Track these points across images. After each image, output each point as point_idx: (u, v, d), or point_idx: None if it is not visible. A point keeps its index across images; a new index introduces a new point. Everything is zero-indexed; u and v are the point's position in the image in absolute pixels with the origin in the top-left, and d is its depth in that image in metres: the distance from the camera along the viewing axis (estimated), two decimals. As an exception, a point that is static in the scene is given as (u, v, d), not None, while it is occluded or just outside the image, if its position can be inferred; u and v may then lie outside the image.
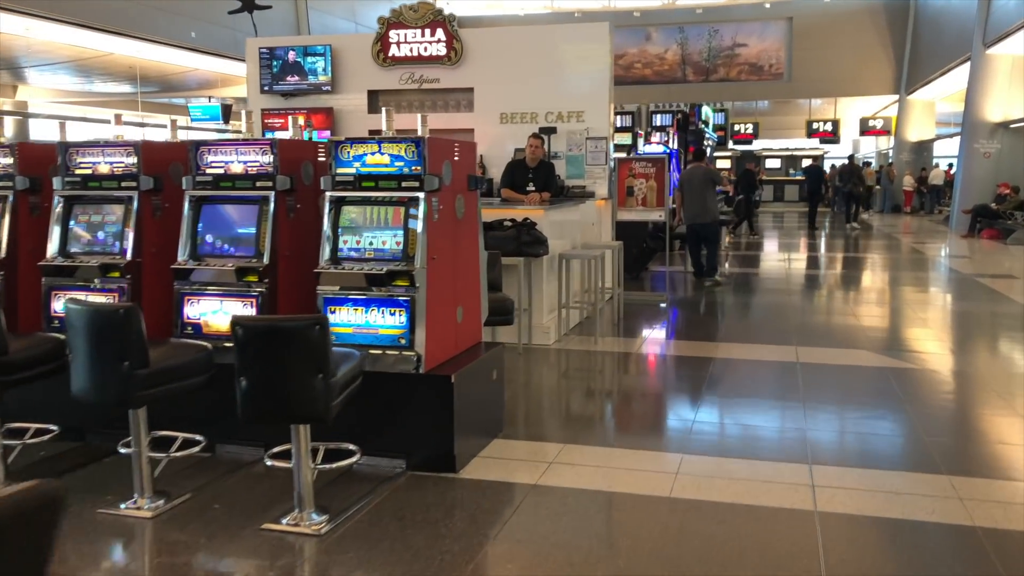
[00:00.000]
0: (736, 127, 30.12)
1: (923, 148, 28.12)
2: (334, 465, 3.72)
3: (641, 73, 30.21)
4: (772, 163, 33.07)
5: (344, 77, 10.04)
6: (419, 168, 4.00)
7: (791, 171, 32.52)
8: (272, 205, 4.23)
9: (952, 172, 29.74)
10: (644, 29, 29.92)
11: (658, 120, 19.69)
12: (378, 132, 4.17)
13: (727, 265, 13.11)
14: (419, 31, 9.60)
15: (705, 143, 19.82)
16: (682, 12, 29.66)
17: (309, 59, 10.11)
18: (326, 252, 4.12)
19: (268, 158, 4.25)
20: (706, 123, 19.83)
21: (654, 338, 7.67)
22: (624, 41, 30.33)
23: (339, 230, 4.15)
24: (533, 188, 7.94)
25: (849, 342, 7.25)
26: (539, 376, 6.20)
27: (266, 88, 10.36)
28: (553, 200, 7.99)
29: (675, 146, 16.52)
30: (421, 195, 4.00)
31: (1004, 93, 18.32)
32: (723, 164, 32.92)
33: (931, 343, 7.42)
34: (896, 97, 28.33)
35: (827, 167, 30.11)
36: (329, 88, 10.08)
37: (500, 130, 9.54)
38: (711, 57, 29.58)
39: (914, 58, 26.74)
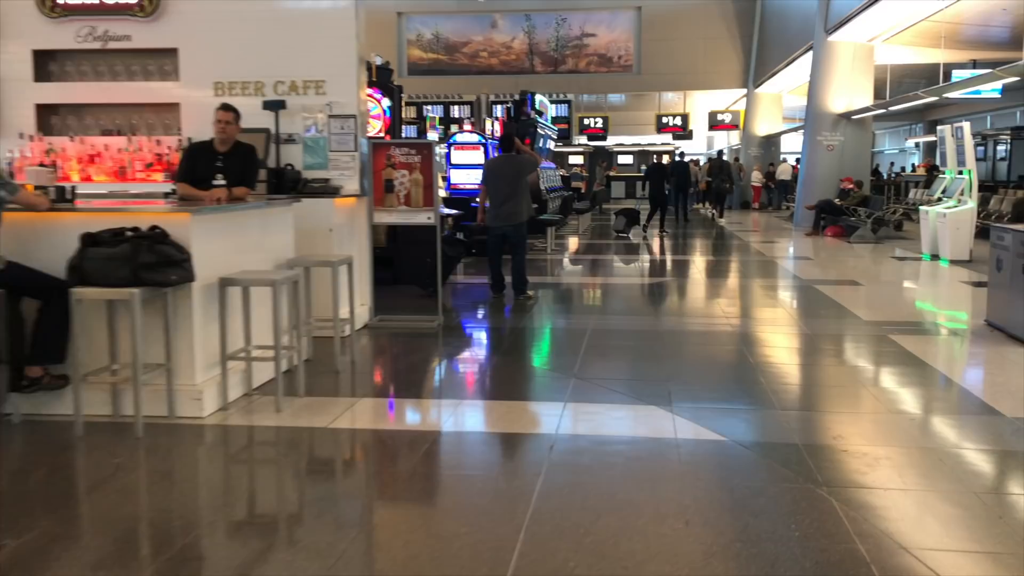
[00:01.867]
0: (586, 121, 28.53)
1: (771, 142, 27.37)
2: None
3: (487, 62, 28.22)
4: (624, 159, 31.77)
5: None
6: None
7: (643, 167, 31.29)
8: None
9: (798, 167, 29.31)
10: (490, 16, 27.94)
11: (499, 111, 17.70)
12: None
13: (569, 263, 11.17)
14: (101, -31, 7.03)
15: (541, 134, 17.90)
16: (528, -1, 27.81)
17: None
18: None
19: None
20: (540, 113, 17.92)
21: (379, 396, 5.47)
22: (469, 28, 28.30)
23: None
24: (223, 180, 5.56)
25: (635, 394, 5.26)
26: (135, 483, 3.85)
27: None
28: (277, 198, 5.68)
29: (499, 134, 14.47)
30: None
31: (846, 82, 17.26)
32: (575, 160, 31.45)
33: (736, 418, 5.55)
34: (744, 91, 27.47)
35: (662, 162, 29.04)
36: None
37: (216, 104, 7.10)
38: (559, 47, 27.91)
39: (761, 50, 25.87)
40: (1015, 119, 26.53)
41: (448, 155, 12.79)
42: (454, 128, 16.71)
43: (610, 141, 31.15)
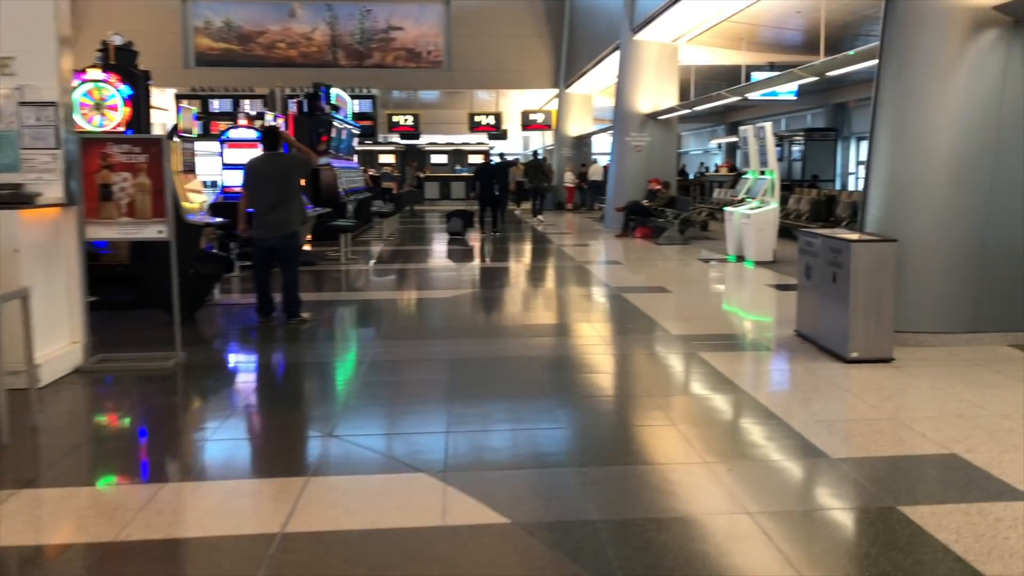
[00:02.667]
0: (396, 119, 27.33)
1: (583, 143, 27.37)
2: None
3: (286, 54, 26.38)
4: (438, 159, 30.85)
5: None
6: None
7: (457, 167, 30.53)
8: None
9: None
10: (287, 4, 26.09)
11: (295, 106, 16.12)
12: None
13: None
14: None
15: (339, 130, 16.54)
16: (328, -14, 26.23)
17: None
18: None
19: None
20: (337, 108, 16.56)
21: (44, 486, 4.08)
22: (264, 16, 26.30)
23: None
24: None
25: (405, 454, 4.23)
26: None
27: None
28: None
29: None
30: None
31: (653, 83, 17.16)
32: (387, 159, 30.19)
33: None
34: (556, 91, 27.30)
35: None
36: None
37: None
38: (364, 40, 26.55)
39: (571, 50, 25.75)
40: (806, 121, 28.05)
41: (221, 154, 11.23)
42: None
43: (423, 140, 30.11)
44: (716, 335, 7.01)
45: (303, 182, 7.60)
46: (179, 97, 21.06)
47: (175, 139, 8.35)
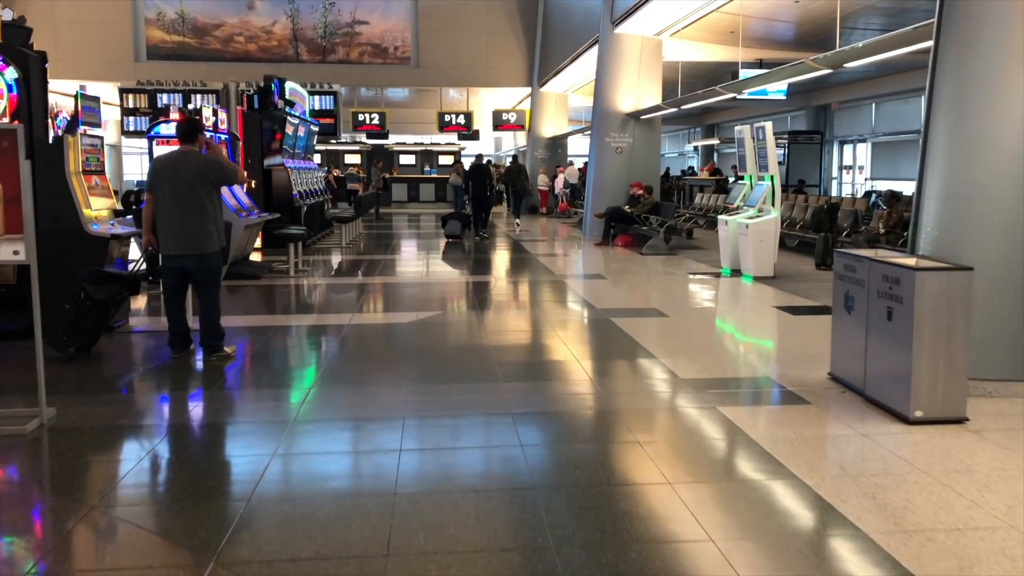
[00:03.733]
0: (361, 117, 25.78)
1: (557, 144, 26.03)
2: None
3: (244, 48, 24.75)
4: (406, 159, 29.34)
5: None
6: None
7: (426, 168, 29.07)
8: None
9: (587, 169, 28.28)
10: (246, -5, 24.44)
11: (244, 102, 14.61)
12: None
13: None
14: None
15: (293, 126, 15.05)
16: (287, -24, 24.66)
17: None
18: None
19: None
20: (291, 103, 15.07)
21: None
22: (221, 8, 24.62)
23: None
24: None
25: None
26: None
27: None
28: None
29: (231, 128, 11.49)
30: None
31: (634, 79, 15.85)
32: (352, 159, 28.67)
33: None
34: (529, 90, 25.95)
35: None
36: None
37: None
38: (328, 34, 25.00)
39: (545, 46, 24.42)
40: (787, 124, 26.96)
41: (150, 152, 9.71)
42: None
43: (391, 140, 28.58)
44: (732, 379, 5.68)
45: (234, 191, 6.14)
46: (124, 91, 19.40)
47: (78, 133, 6.85)
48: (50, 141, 6.83)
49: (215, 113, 10.55)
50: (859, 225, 12.38)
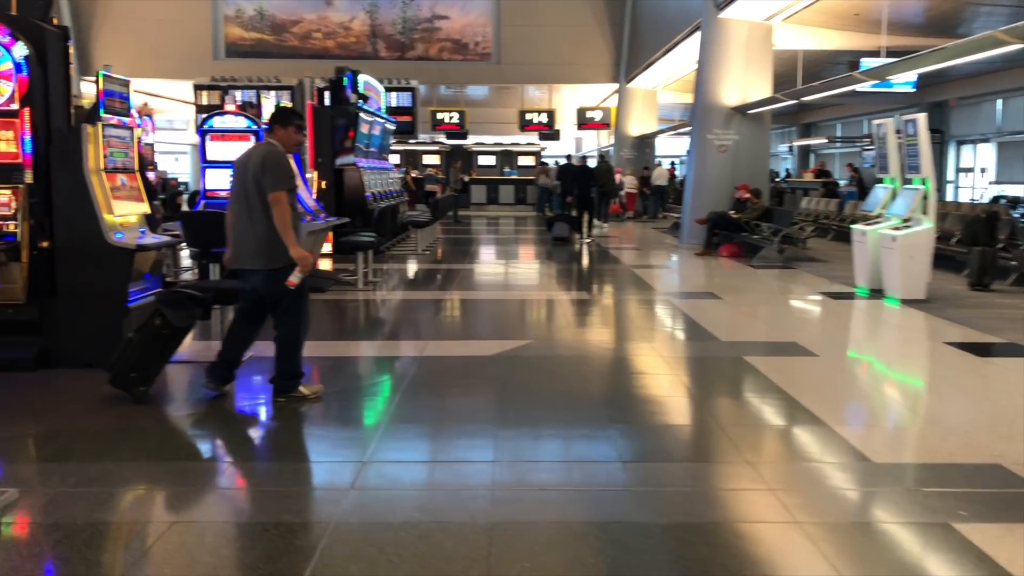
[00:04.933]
0: (440, 116, 24.49)
1: (645, 144, 24.22)
2: None
3: (322, 45, 23.76)
4: (486, 160, 27.93)
5: None
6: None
7: (506, 169, 27.61)
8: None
9: (675, 171, 26.39)
10: (324, -10, 23.43)
11: (314, 97, 13.43)
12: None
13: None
14: None
15: (368, 123, 13.77)
16: (367, -30, 23.55)
17: None
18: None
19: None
20: (365, 98, 13.78)
21: None
22: (299, 4, 23.66)
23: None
24: None
25: None
26: None
27: None
28: None
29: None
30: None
31: (740, 69, 14.03)
32: (432, 160, 27.44)
33: None
34: (616, 86, 24.23)
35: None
36: None
37: None
38: (407, 30, 23.79)
39: (635, 39, 22.66)
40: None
41: (202, 148, 8.47)
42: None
43: (470, 140, 27.22)
44: (953, 467, 3.93)
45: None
46: (198, 88, 18.53)
47: (98, 123, 5.57)
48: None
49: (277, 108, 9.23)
50: (1018, 238, 10.33)
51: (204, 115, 8.94)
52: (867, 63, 13.63)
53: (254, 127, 8.46)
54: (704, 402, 5.00)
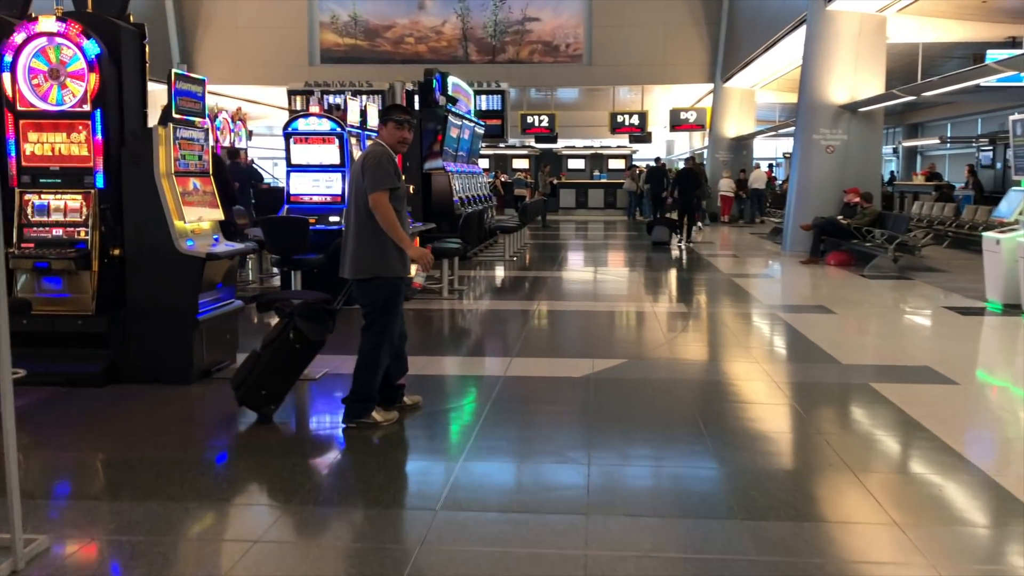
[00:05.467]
0: (529, 119, 23.98)
1: (742, 145, 23.09)
2: None
3: (414, 50, 23.58)
4: (575, 163, 27.28)
5: None
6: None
7: (596, 172, 26.89)
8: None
9: (772, 173, 25.14)
10: (417, -6, 23.26)
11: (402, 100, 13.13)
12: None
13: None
14: None
15: (456, 127, 13.37)
16: (459, -27, 23.25)
17: None
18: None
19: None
20: (454, 100, 13.37)
21: None
22: (392, 9, 23.56)
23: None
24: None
25: None
26: None
27: None
28: None
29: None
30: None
31: (850, 64, 12.96)
32: (520, 164, 26.99)
33: None
34: (711, 86, 23.19)
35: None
36: None
37: None
38: (498, 33, 23.39)
39: (731, 36, 21.60)
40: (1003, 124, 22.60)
41: (286, 151, 8.15)
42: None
43: (560, 143, 26.61)
44: None
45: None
46: (291, 94, 18.56)
47: (170, 125, 5.23)
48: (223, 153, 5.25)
49: (363, 112, 8.86)
50: None
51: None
52: (993, 55, 12.36)
53: (339, 130, 8.09)
54: (832, 441, 4.26)
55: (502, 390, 5.27)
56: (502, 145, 25.92)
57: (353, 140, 8.46)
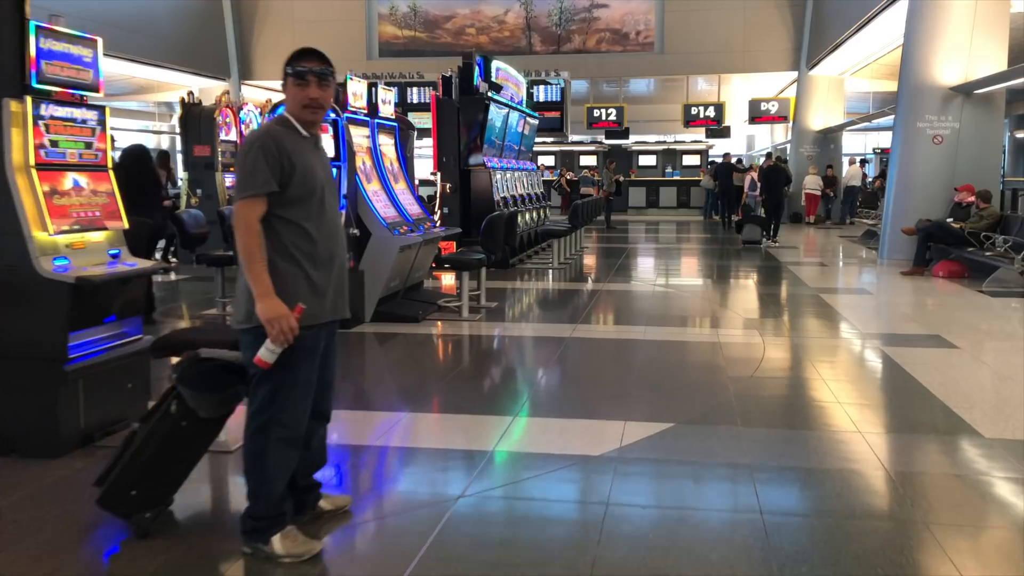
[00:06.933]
0: (596, 113, 22.12)
1: (829, 139, 20.67)
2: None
3: (475, 41, 21.98)
4: (646, 160, 25.26)
5: None
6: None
7: (668, 169, 24.82)
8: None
9: (863, 170, 22.54)
10: (478, -17, 21.67)
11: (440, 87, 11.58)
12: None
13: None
14: None
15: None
16: (521, -42, 21.58)
17: None
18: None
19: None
20: (498, 87, 11.71)
21: None
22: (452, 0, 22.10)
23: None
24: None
25: None
26: None
27: None
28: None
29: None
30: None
31: (964, 37, 10.72)
32: (588, 161, 25.12)
33: None
34: (795, 74, 20.86)
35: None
36: None
37: None
38: (563, 21, 21.62)
39: (819, 17, 19.24)
40: None
41: (338, 137, 6.62)
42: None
43: (630, 139, 24.61)
44: None
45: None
46: (340, 87, 17.26)
47: (26, 99, 3.73)
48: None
49: (371, 89, 7.32)
50: None
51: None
52: None
53: (332, 116, 6.56)
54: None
55: (482, 487, 3.57)
56: (571, 140, 24.14)
57: (355, 129, 6.89)
